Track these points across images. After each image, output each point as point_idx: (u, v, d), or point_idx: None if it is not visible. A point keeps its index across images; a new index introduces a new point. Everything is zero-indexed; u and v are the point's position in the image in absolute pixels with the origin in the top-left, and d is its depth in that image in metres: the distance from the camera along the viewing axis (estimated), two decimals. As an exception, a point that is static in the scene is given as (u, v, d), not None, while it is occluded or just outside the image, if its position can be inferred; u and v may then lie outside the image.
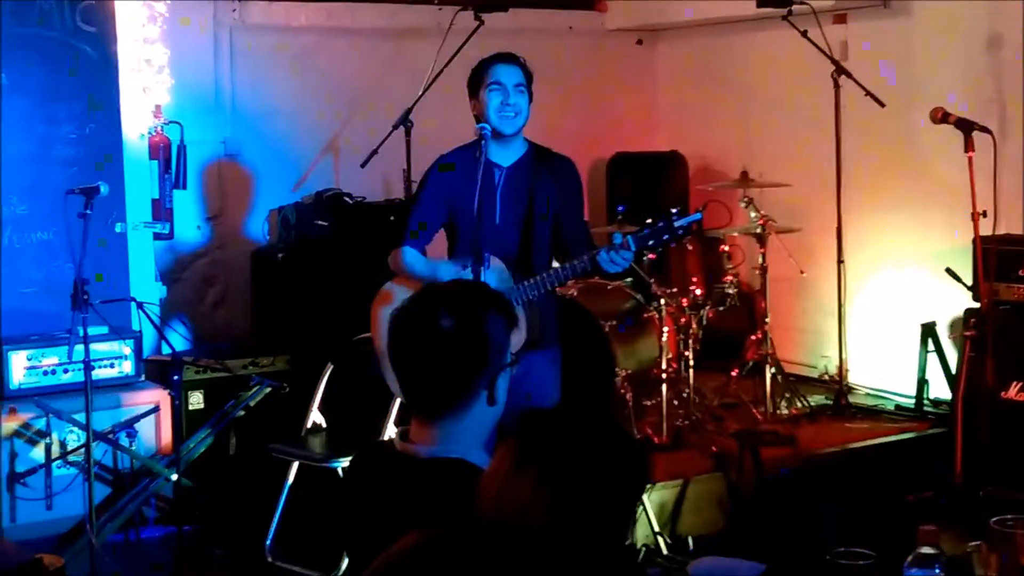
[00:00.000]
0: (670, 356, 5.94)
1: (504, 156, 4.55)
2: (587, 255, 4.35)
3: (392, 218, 6.44)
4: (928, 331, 6.27)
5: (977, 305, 5.62)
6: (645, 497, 5.10)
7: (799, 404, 6.37)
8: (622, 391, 5.83)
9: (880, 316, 6.86)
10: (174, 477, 5.28)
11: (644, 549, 5.00)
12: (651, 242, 4.33)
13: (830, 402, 6.46)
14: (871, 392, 6.76)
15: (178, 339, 6.48)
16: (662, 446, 5.73)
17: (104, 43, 5.88)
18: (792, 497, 5.45)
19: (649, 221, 4.33)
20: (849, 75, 6.21)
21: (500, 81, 4.49)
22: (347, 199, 6.71)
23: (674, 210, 4.34)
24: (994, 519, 2.71)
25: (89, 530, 4.87)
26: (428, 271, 4.50)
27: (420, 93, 6.06)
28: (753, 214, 6.34)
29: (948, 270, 5.76)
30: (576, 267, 4.38)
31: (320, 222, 6.57)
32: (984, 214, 5.24)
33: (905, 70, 6.64)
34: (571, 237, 4.57)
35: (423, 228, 4.64)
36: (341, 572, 4.89)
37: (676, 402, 6.01)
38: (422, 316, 2.48)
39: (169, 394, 5.61)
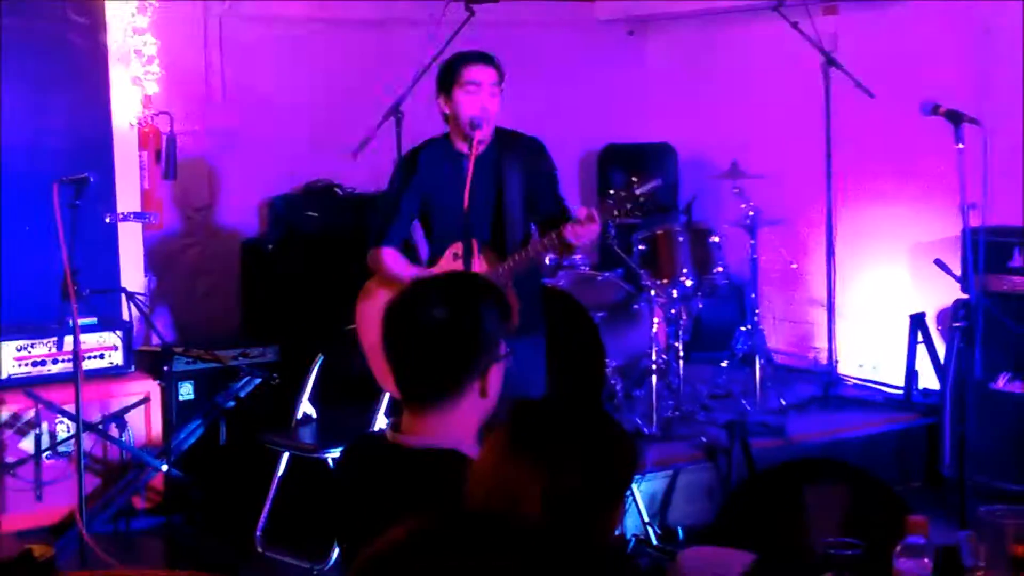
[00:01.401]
0: (660, 347, 5.94)
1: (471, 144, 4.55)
2: (554, 231, 4.35)
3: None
4: (918, 322, 6.28)
5: (966, 296, 5.63)
6: (635, 487, 5.11)
7: (789, 395, 6.38)
8: (612, 382, 5.84)
9: (870, 307, 6.88)
10: (164, 468, 5.28)
11: (634, 539, 5.00)
12: (615, 211, 4.33)
13: (819, 393, 6.48)
14: (860, 383, 6.77)
15: (168, 330, 6.48)
16: (652, 437, 5.74)
17: (94, 33, 5.87)
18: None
19: (611, 192, 4.34)
20: (839, 66, 6.22)
21: (477, 82, 4.47)
22: (337, 190, 6.71)
23: (634, 179, 4.35)
24: (983, 509, 2.72)
25: (79, 521, 4.87)
26: (406, 273, 4.49)
27: (411, 84, 6.05)
28: (743, 205, 6.34)
29: (938, 261, 5.77)
30: (545, 243, 4.37)
31: (310, 213, 6.56)
32: (974, 205, 5.25)
33: (895, 62, 6.65)
34: (548, 216, 4.56)
35: (397, 225, 4.64)
36: (331, 562, 4.89)
37: (666, 393, 6.01)
38: (416, 306, 2.49)
39: (159, 385, 5.61)
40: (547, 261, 5.73)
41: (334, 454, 4.92)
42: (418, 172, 4.61)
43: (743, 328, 6.45)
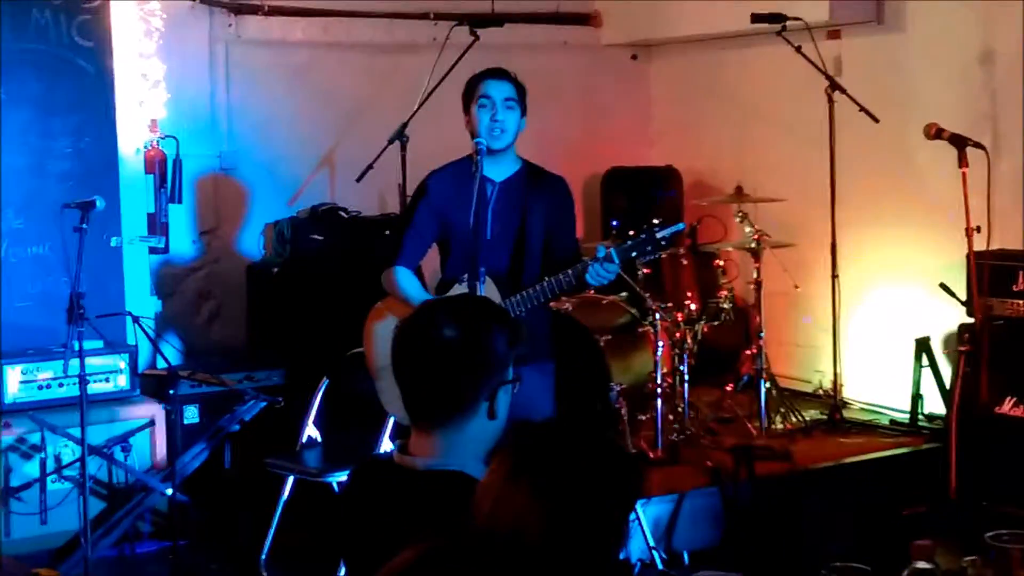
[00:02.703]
0: (665, 371, 5.94)
1: (497, 172, 4.55)
2: (572, 269, 4.35)
3: (387, 232, 6.45)
4: (923, 346, 6.28)
5: (971, 320, 5.63)
6: (641, 512, 5.10)
7: (794, 419, 6.38)
8: (617, 406, 5.83)
9: (874, 331, 6.87)
10: (169, 492, 5.28)
11: (639, 564, 5.00)
12: (634, 254, 4.33)
13: (825, 417, 6.46)
14: (866, 407, 6.76)
15: (173, 353, 6.48)
16: (657, 461, 5.72)
17: (100, 57, 5.89)
18: (787, 512, 5.45)
19: (632, 233, 4.34)
20: (843, 91, 6.23)
21: (489, 96, 4.49)
22: (342, 213, 6.72)
23: (656, 221, 4.35)
24: (989, 534, 2.72)
25: (84, 545, 4.87)
26: (419, 297, 4.50)
27: (416, 108, 6.08)
28: (748, 229, 6.34)
29: (942, 285, 5.77)
30: (562, 281, 4.38)
31: (315, 236, 6.57)
32: (978, 229, 5.26)
33: (899, 86, 6.66)
34: (562, 255, 4.57)
35: (415, 246, 4.65)
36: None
37: (671, 417, 6.01)
38: (427, 326, 2.50)
39: (164, 408, 5.61)
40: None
41: (339, 478, 4.92)
42: (431, 195, 4.62)
43: (748, 351, 6.44)
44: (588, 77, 8.02)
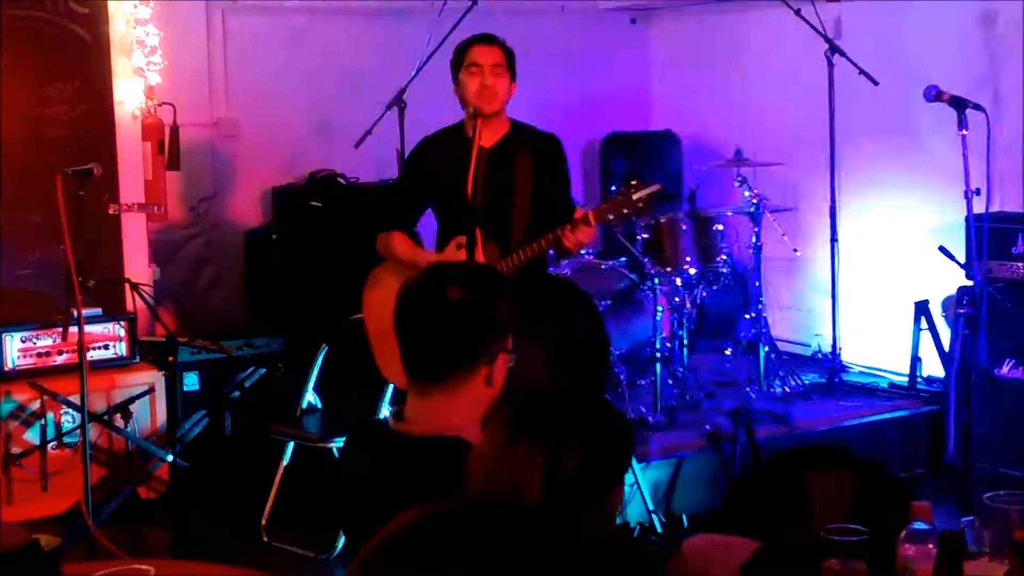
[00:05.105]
0: (664, 335, 5.95)
1: (486, 136, 4.54)
2: (550, 233, 4.35)
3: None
4: (922, 309, 6.28)
5: (970, 283, 5.63)
6: (640, 475, 5.11)
7: (793, 382, 6.39)
8: (616, 370, 5.84)
9: (874, 294, 6.87)
10: (169, 458, 5.29)
11: (639, 527, 5.02)
12: (610, 216, 4.33)
13: (824, 380, 6.48)
14: (865, 370, 6.77)
15: (172, 320, 6.48)
16: (657, 425, 5.74)
17: (97, 24, 5.87)
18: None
19: (609, 197, 4.35)
20: (843, 53, 6.21)
21: (478, 62, 4.49)
22: (340, 180, 6.71)
23: (632, 182, 4.35)
24: (987, 495, 2.73)
25: (85, 511, 4.88)
26: (413, 256, 4.51)
27: (413, 74, 6.05)
28: (747, 193, 6.33)
29: (942, 248, 5.77)
30: (542, 244, 4.38)
31: (313, 203, 6.57)
32: (977, 192, 5.25)
33: (899, 48, 6.64)
34: (557, 214, 4.57)
35: (407, 210, 4.65)
36: (336, 552, 4.90)
37: (670, 381, 6.02)
38: (432, 285, 2.52)
39: (164, 375, 5.61)
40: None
41: (339, 444, 4.93)
42: (425, 160, 4.62)
43: (747, 316, 6.45)
44: (587, 41, 7.98)
